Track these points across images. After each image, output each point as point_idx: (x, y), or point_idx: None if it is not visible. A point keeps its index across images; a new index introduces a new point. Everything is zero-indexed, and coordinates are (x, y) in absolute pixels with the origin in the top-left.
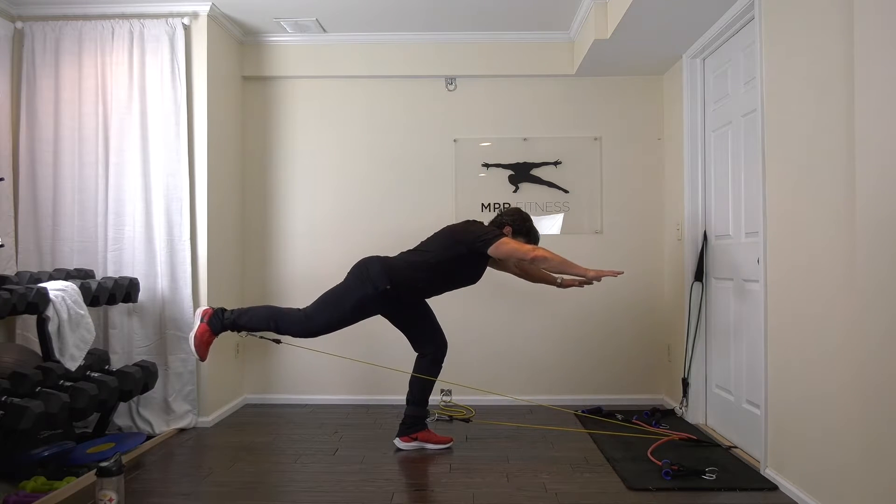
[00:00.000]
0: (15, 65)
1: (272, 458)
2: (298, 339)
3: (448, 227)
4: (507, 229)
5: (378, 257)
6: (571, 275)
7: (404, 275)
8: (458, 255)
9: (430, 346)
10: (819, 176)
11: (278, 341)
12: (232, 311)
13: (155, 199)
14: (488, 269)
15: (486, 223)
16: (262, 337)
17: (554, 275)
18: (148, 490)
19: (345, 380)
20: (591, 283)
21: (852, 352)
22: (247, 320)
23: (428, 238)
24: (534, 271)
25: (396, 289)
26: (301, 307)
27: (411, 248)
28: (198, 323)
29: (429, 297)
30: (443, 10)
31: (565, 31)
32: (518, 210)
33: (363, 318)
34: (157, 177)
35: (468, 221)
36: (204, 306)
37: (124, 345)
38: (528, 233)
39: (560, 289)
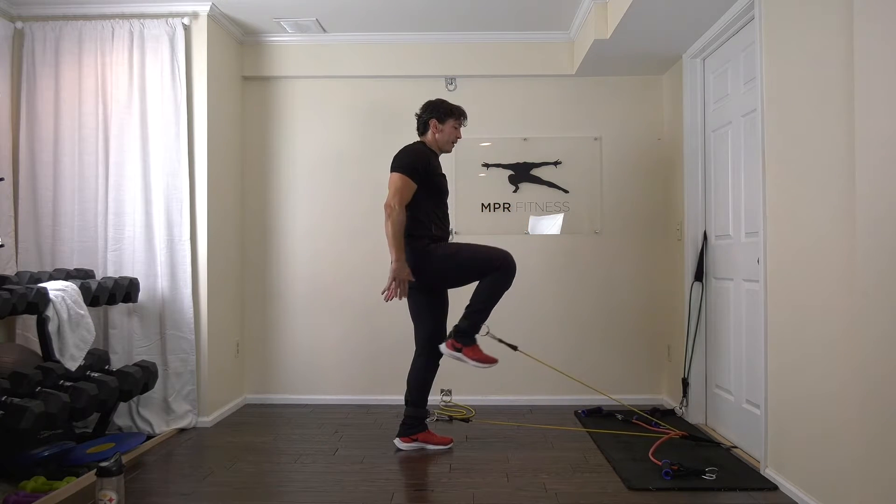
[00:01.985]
0: (15, 65)
1: (272, 458)
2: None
3: None
4: (433, 122)
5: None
6: (389, 247)
7: (420, 230)
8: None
9: (430, 343)
10: (819, 176)
11: (515, 347)
12: (460, 320)
13: (155, 199)
14: None
15: (404, 154)
16: (500, 341)
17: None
18: (148, 490)
19: (345, 380)
20: (386, 301)
21: (852, 351)
22: (478, 312)
23: None
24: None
25: (433, 239)
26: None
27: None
28: (460, 355)
29: (447, 225)
30: (443, 10)
31: (565, 31)
32: (429, 101)
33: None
34: (157, 177)
35: (399, 151)
36: (442, 344)
37: (124, 345)
38: (450, 112)
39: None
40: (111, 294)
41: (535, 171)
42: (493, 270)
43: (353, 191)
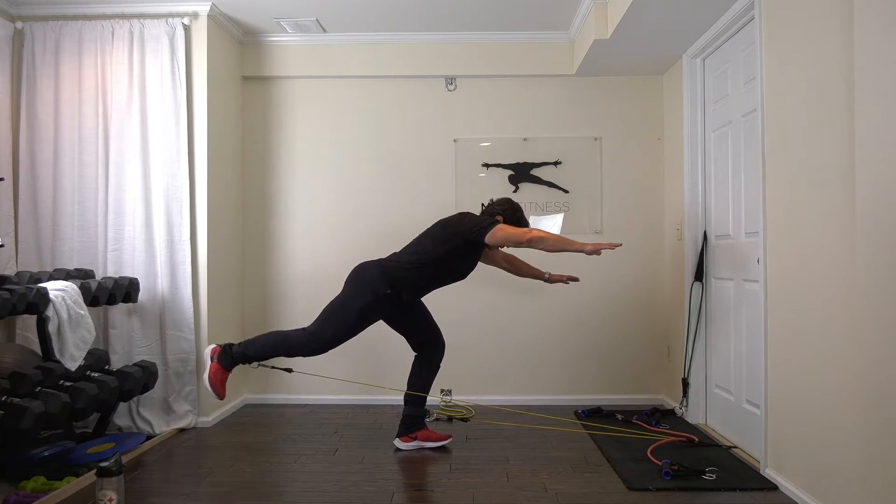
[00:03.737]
0: (15, 65)
1: (272, 458)
2: (310, 357)
3: (440, 221)
4: (499, 218)
5: (373, 262)
6: (570, 251)
7: (403, 275)
8: (454, 247)
9: (429, 345)
10: (819, 175)
11: (290, 370)
12: (239, 343)
13: (155, 199)
14: (479, 264)
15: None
16: (273, 367)
17: (542, 270)
18: (148, 490)
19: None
20: (578, 280)
21: (852, 351)
22: (255, 351)
23: (418, 237)
24: (521, 265)
25: (397, 291)
26: (304, 326)
27: (399, 249)
28: (209, 363)
29: (426, 293)
30: (443, 10)
31: (565, 31)
32: (508, 199)
33: (368, 326)
34: (157, 177)
35: (461, 213)
36: (210, 345)
37: (124, 345)
38: (518, 222)
39: (548, 283)
40: (111, 294)
41: (535, 171)
42: (307, 332)
43: (352, 191)
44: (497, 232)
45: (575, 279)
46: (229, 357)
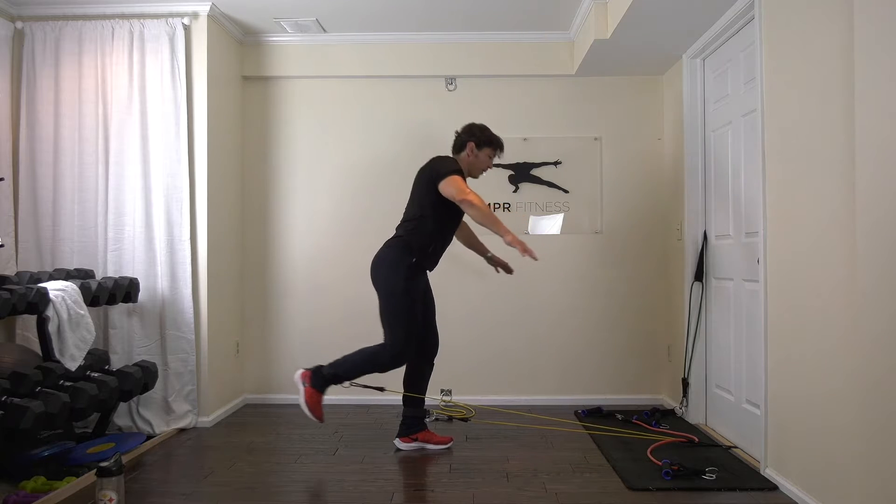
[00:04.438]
0: (15, 65)
1: (272, 458)
2: (388, 370)
3: (418, 172)
4: (471, 145)
5: (382, 249)
6: (493, 231)
7: (412, 239)
8: (438, 195)
9: (430, 341)
10: (819, 176)
11: (382, 389)
12: (329, 365)
13: (155, 199)
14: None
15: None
16: (365, 386)
17: (486, 248)
18: (148, 490)
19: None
20: (511, 272)
21: (852, 351)
22: (345, 371)
23: (409, 200)
24: (469, 232)
25: (420, 258)
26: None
27: (399, 222)
28: (301, 388)
29: (440, 252)
30: (443, 10)
31: (565, 31)
32: (472, 123)
33: (419, 301)
34: (157, 177)
35: (433, 158)
36: (299, 370)
37: (124, 345)
38: (489, 141)
39: (488, 265)
40: (111, 294)
41: (535, 171)
42: (384, 346)
43: (352, 190)
44: (447, 183)
45: (509, 270)
46: (321, 379)
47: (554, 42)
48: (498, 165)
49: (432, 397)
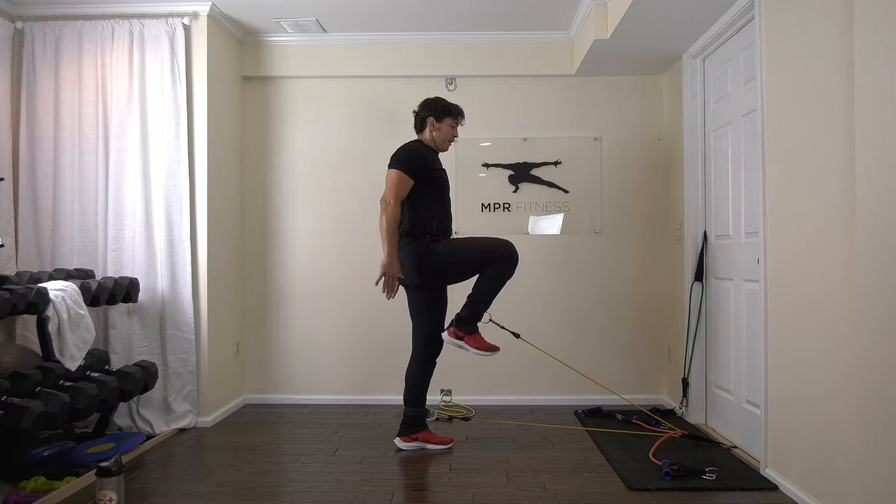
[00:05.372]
0: (15, 65)
1: (272, 458)
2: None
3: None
4: (430, 120)
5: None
6: (381, 245)
7: (423, 229)
8: (420, 182)
9: (431, 342)
10: (819, 176)
11: (517, 335)
12: (462, 308)
13: (155, 199)
14: None
15: (404, 148)
16: (502, 327)
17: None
18: (148, 490)
19: (344, 380)
20: (388, 299)
21: (852, 351)
22: (479, 301)
23: None
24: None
25: (434, 239)
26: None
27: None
28: (462, 343)
29: (450, 225)
30: (443, 10)
31: (565, 31)
32: (427, 98)
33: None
34: (157, 177)
35: (396, 151)
36: (444, 334)
37: (124, 345)
38: (447, 111)
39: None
40: (111, 294)
41: (535, 171)
42: (494, 262)
43: (352, 190)
44: (386, 177)
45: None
46: (466, 323)
47: (554, 42)
48: (498, 165)
49: (432, 397)
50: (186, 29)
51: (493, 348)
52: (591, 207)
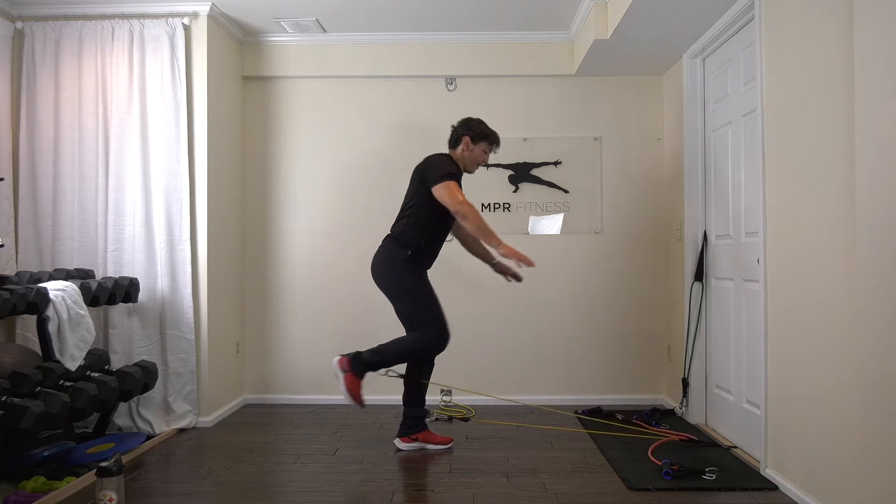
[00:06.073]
0: (15, 65)
1: (272, 458)
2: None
3: (414, 169)
4: (466, 140)
5: (378, 250)
6: (485, 242)
7: (409, 240)
8: (430, 193)
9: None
10: (819, 176)
11: (403, 376)
12: (369, 351)
13: (155, 199)
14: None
15: (443, 157)
16: (401, 376)
17: (493, 256)
18: (148, 490)
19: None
20: (520, 280)
21: (852, 351)
22: (388, 359)
23: (405, 197)
24: (470, 240)
25: (414, 253)
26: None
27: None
28: (341, 375)
29: (437, 251)
30: (443, 10)
31: (565, 31)
32: (468, 118)
33: (430, 286)
34: (157, 177)
35: (429, 157)
36: (336, 357)
37: (124, 345)
38: (484, 135)
39: (494, 272)
40: (111, 294)
41: (535, 171)
42: (426, 335)
43: (352, 190)
44: (441, 188)
45: (518, 278)
46: (361, 365)
47: (554, 42)
48: (498, 165)
49: (432, 397)
50: (186, 29)
51: (359, 400)
52: (591, 207)
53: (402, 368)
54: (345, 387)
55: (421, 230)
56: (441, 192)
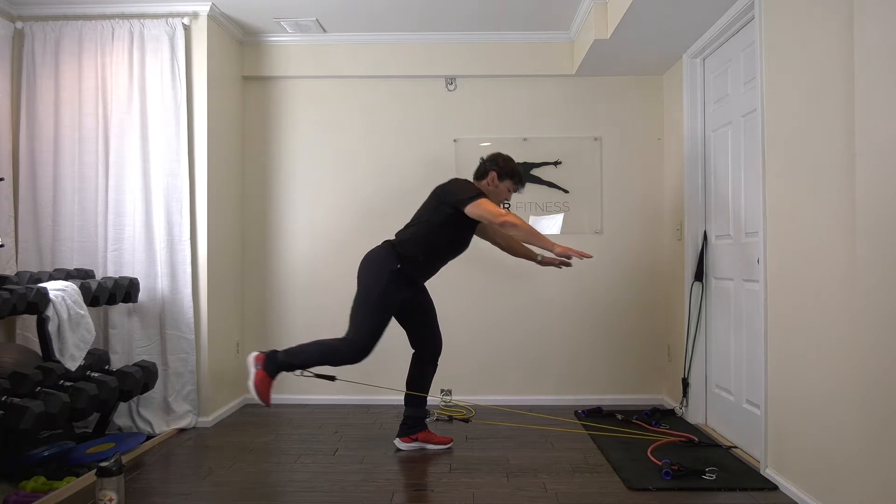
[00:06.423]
0: (15, 65)
1: (272, 458)
2: (352, 365)
3: (434, 189)
4: (492, 175)
5: (378, 246)
6: (539, 246)
7: (407, 250)
8: (447, 216)
9: (432, 342)
10: (819, 176)
11: (333, 378)
12: (284, 351)
13: (155, 199)
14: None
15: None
16: (317, 375)
17: (535, 251)
18: (148, 490)
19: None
20: (570, 265)
21: (851, 351)
22: (301, 361)
23: (418, 210)
24: (515, 243)
25: (407, 267)
26: (342, 336)
27: (402, 227)
28: (253, 370)
29: (433, 270)
30: (443, 10)
31: (565, 31)
32: (499, 154)
33: (395, 308)
34: (157, 177)
35: (452, 180)
36: (253, 353)
37: (124, 345)
38: (512, 174)
39: (541, 266)
40: (111, 294)
41: (535, 171)
42: (346, 340)
43: (352, 190)
44: (476, 206)
45: (568, 264)
46: (275, 365)
47: (554, 42)
48: None
49: (432, 397)
50: (186, 29)
51: (267, 399)
52: (591, 207)
53: (321, 369)
54: (253, 382)
55: (422, 246)
56: (477, 210)
